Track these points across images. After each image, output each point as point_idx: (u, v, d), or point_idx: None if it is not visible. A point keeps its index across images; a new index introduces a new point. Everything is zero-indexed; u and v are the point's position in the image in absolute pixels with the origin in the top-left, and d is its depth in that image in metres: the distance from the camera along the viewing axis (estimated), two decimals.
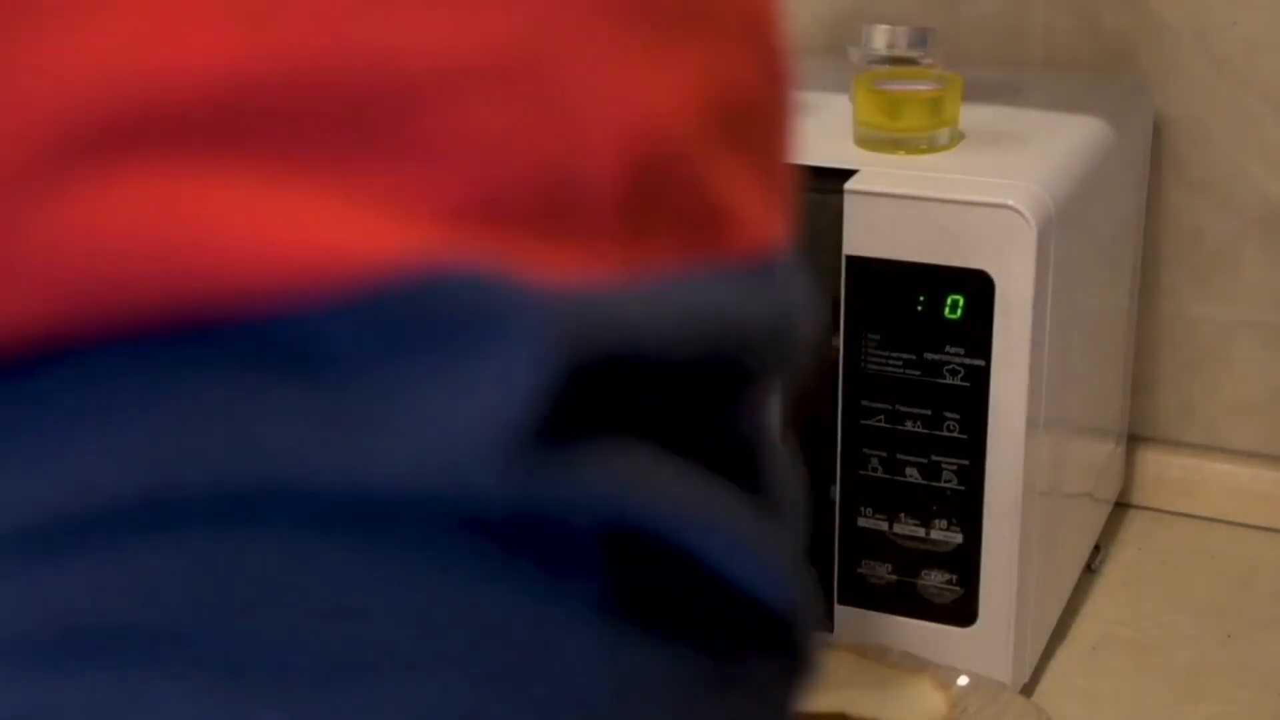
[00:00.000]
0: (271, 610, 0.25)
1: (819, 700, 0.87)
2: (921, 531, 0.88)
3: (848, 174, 0.85)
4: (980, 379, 0.84)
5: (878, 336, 0.85)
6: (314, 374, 0.25)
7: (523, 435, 0.25)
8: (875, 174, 0.85)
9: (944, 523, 0.87)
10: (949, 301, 0.83)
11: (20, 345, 0.25)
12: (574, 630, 0.27)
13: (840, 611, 0.92)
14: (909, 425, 0.86)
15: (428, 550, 0.26)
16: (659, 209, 0.28)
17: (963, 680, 0.88)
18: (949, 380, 0.85)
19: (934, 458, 0.86)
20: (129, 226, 0.24)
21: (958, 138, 0.90)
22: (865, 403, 0.87)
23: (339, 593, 0.25)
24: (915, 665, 0.89)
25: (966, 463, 0.86)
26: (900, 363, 0.85)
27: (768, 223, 0.30)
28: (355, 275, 0.25)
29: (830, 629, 0.93)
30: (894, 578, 0.90)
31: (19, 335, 0.25)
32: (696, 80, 0.29)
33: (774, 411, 0.32)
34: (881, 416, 0.87)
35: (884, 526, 0.89)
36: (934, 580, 0.89)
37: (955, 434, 0.85)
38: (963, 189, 0.83)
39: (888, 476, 0.88)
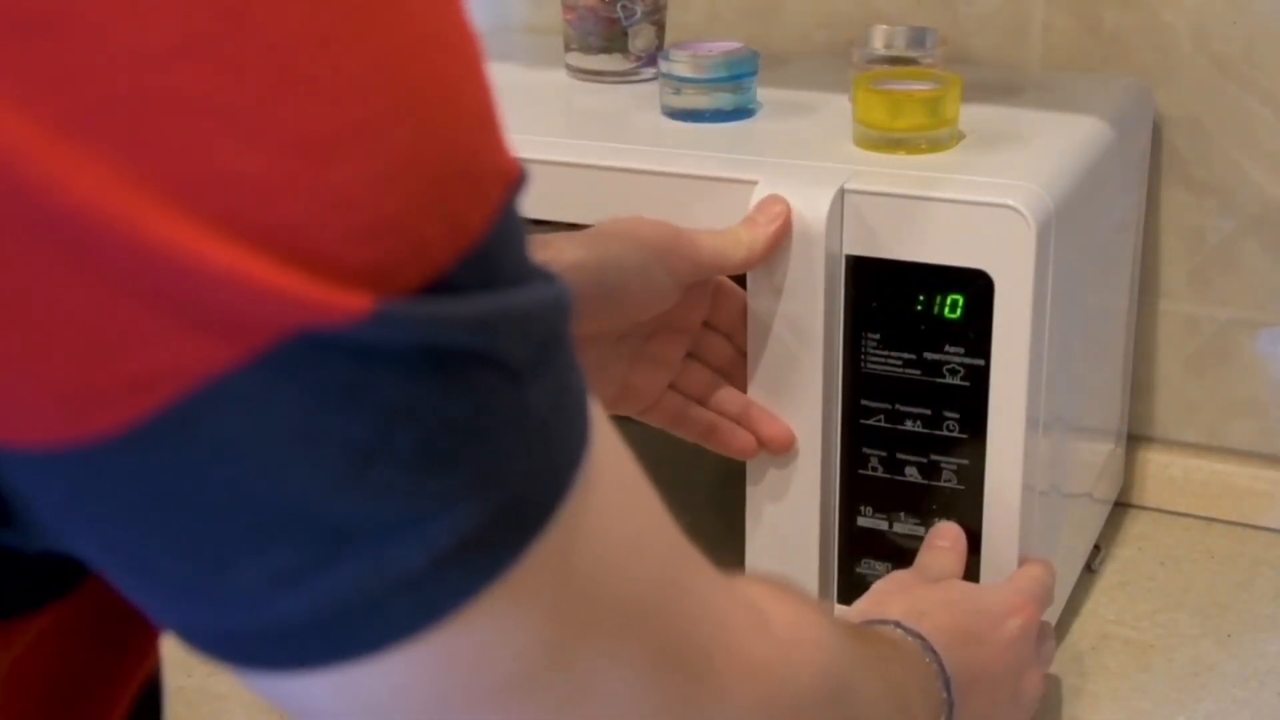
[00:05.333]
0: None
1: None
2: (921, 531, 0.88)
3: (848, 174, 0.85)
4: (980, 379, 0.84)
5: (878, 336, 0.85)
6: None
7: None
8: (875, 174, 0.85)
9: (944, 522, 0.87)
10: (949, 301, 0.83)
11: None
12: None
13: (840, 612, 0.92)
14: (909, 425, 0.86)
15: None
16: None
17: None
18: (949, 380, 0.85)
19: (934, 457, 0.86)
20: None
21: (958, 138, 0.90)
22: (865, 403, 0.87)
23: None
24: None
25: (966, 463, 0.86)
26: (900, 362, 0.85)
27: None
28: None
29: None
30: None
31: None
32: None
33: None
34: (881, 416, 0.87)
35: (884, 526, 0.89)
36: None
37: (955, 434, 0.85)
38: (963, 189, 0.83)
39: (888, 476, 0.88)
